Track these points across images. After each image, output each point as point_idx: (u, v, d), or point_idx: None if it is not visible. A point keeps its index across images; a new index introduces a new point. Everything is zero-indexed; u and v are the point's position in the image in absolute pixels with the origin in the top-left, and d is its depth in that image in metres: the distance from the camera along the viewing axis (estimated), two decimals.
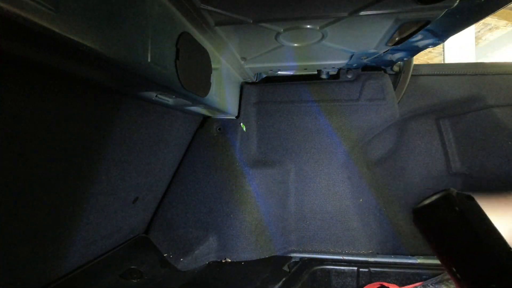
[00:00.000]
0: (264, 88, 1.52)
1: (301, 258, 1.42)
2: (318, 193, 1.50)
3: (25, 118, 0.61)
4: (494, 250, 0.45)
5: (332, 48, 1.08)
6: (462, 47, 5.01)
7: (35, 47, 0.49)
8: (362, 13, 0.80)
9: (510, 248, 0.45)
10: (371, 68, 1.45)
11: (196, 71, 0.91)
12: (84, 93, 0.73)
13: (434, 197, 0.51)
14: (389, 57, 1.24)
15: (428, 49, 1.23)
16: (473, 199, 0.49)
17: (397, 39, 1.00)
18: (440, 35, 0.98)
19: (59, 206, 0.78)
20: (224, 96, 1.25)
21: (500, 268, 0.43)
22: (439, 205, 0.50)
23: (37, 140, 0.66)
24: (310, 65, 1.33)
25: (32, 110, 0.62)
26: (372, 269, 1.33)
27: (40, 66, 0.57)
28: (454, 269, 0.47)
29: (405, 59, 1.29)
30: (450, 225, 0.48)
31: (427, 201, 0.51)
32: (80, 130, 0.76)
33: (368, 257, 1.40)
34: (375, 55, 1.18)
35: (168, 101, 0.96)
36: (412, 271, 1.31)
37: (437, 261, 1.37)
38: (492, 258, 0.45)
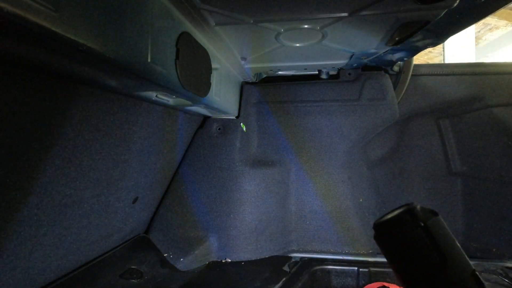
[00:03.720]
0: (264, 88, 1.52)
1: (301, 258, 1.42)
2: (318, 193, 1.50)
3: (25, 118, 0.61)
4: (458, 271, 0.42)
5: (332, 48, 1.08)
6: (462, 47, 5.01)
7: (35, 47, 0.49)
8: (362, 13, 0.80)
9: (474, 269, 0.42)
10: (371, 68, 1.45)
11: (196, 71, 0.91)
12: (84, 93, 0.73)
13: (396, 212, 0.47)
14: (389, 57, 1.24)
15: (428, 49, 1.23)
16: (437, 214, 0.45)
17: (397, 39, 1.00)
18: (440, 35, 0.98)
19: (59, 206, 0.78)
20: (224, 96, 1.25)
21: None
22: (402, 220, 0.45)
23: (37, 140, 0.66)
24: (310, 65, 1.33)
25: (32, 110, 0.62)
26: (372, 269, 1.33)
27: (40, 66, 0.57)
28: None
29: (405, 59, 1.29)
30: (413, 243, 0.44)
31: (389, 216, 0.47)
32: (80, 130, 0.76)
33: (368, 257, 1.40)
34: (375, 55, 1.18)
35: (168, 101, 0.96)
36: None
37: None
38: (456, 280, 0.42)
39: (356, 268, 1.34)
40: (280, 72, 1.46)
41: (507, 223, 1.42)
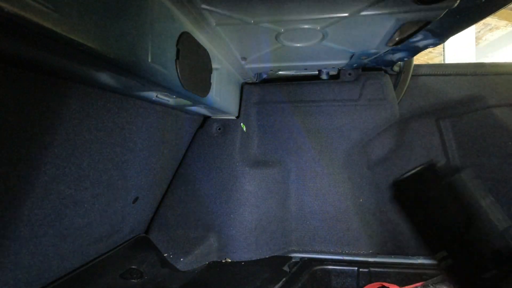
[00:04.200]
0: (265, 88, 1.52)
1: (301, 258, 1.42)
2: (318, 193, 1.50)
3: (25, 118, 0.61)
4: (486, 231, 0.38)
5: (333, 48, 1.08)
6: (462, 47, 5.01)
7: (35, 47, 0.49)
8: (363, 13, 0.80)
9: (506, 228, 0.38)
10: (372, 68, 1.45)
11: (196, 71, 0.91)
12: (84, 93, 0.73)
13: (418, 168, 0.43)
14: (390, 57, 1.24)
15: (428, 49, 1.23)
16: (461, 171, 0.41)
17: (397, 39, 1.00)
18: (440, 35, 0.98)
19: (59, 206, 0.78)
20: (224, 96, 1.25)
21: (494, 252, 0.36)
22: (424, 176, 0.41)
23: (37, 140, 0.66)
24: (310, 65, 1.33)
25: (31, 110, 0.62)
26: (372, 269, 1.33)
27: (40, 66, 0.57)
28: (445, 254, 0.39)
29: (405, 59, 1.29)
30: (436, 200, 0.39)
31: (410, 172, 0.43)
32: (80, 130, 0.76)
33: (368, 257, 1.40)
34: (376, 55, 1.18)
35: (168, 101, 0.96)
36: (412, 271, 1.31)
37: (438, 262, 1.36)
38: (481, 243, 0.37)
39: (356, 268, 1.34)
40: (280, 72, 1.46)
41: None
